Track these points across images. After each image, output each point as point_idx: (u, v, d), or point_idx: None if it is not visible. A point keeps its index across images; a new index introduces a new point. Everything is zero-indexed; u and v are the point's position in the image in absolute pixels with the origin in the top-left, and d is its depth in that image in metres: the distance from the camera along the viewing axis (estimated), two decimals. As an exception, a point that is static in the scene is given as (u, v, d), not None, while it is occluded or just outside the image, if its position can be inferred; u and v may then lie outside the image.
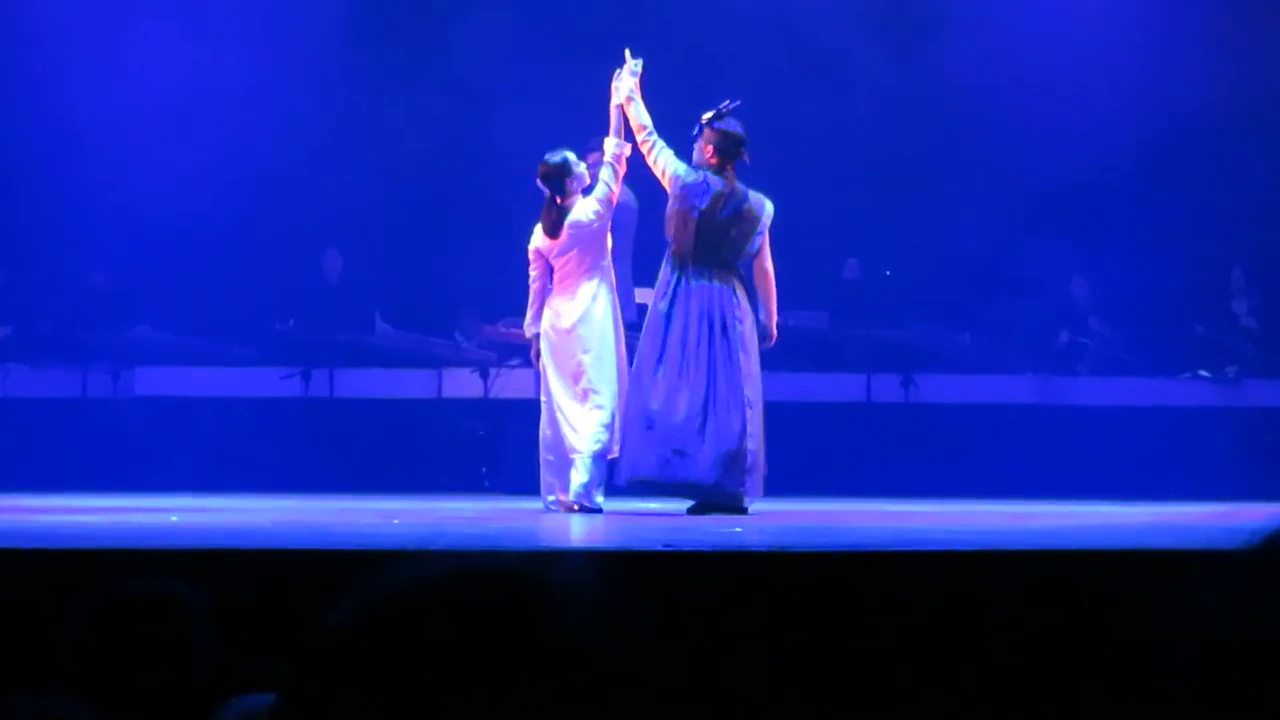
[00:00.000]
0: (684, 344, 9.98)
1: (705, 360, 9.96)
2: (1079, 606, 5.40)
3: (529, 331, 10.46)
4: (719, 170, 10.07)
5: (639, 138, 10.04)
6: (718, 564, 5.92)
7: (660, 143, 10.05)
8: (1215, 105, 14.48)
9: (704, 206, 10.01)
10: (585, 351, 10.19)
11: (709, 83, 11.15)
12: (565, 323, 10.23)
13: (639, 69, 10.05)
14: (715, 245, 10.05)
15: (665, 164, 10.05)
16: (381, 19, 14.84)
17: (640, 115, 10.03)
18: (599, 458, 10.12)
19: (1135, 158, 14.61)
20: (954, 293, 14.44)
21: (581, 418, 10.17)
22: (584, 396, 10.19)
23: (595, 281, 10.21)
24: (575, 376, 10.21)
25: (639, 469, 10.00)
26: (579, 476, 10.09)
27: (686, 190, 10.00)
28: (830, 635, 5.31)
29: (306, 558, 5.77)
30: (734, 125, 10.06)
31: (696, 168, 10.06)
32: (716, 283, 10.05)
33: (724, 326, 10.01)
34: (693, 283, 10.02)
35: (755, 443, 9.97)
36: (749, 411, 9.98)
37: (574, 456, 10.13)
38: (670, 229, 10.08)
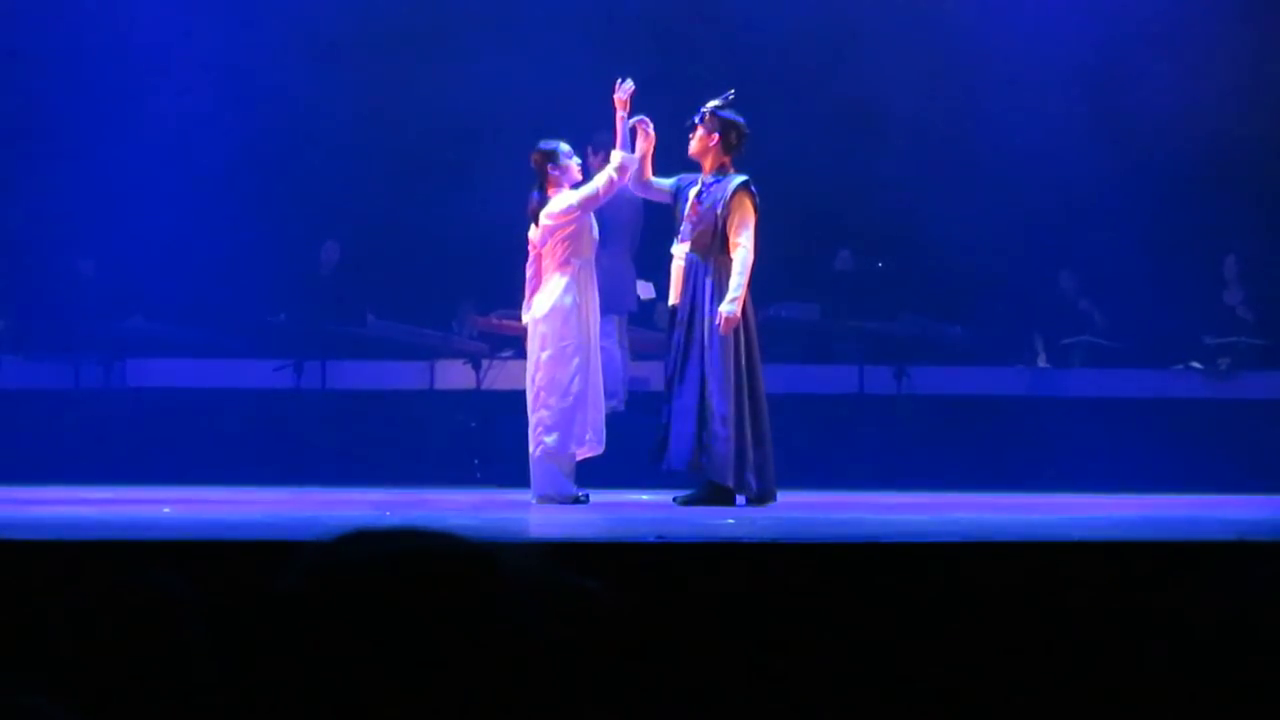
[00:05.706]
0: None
1: None
2: (1073, 597, 5.40)
3: (524, 320, 10.41)
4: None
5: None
6: (710, 555, 5.91)
7: None
8: (1209, 97, 14.48)
9: None
10: (543, 349, 10.08)
11: (702, 73, 11.13)
12: (535, 315, 10.18)
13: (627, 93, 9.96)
14: None
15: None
16: (376, 9, 14.81)
17: None
18: (552, 455, 10.09)
19: (1127, 149, 14.60)
20: (946, 284, 14.44)
21: (531, 419, 10.14)
22: (535, 400, 10.12)
23: (566, 279, 10.07)
24: (532, 377, 10.15)
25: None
26: (534, 477, 10.12)
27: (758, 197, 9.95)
28: (822, 627, 5.31)
29: (300, 550, 5.75)
30: (737, 116, 9.97)
31: (724, 168, 9.94)
32: None
33: None
34: None
35: None
36: None
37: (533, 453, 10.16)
38: (755, 238, 9.89)
